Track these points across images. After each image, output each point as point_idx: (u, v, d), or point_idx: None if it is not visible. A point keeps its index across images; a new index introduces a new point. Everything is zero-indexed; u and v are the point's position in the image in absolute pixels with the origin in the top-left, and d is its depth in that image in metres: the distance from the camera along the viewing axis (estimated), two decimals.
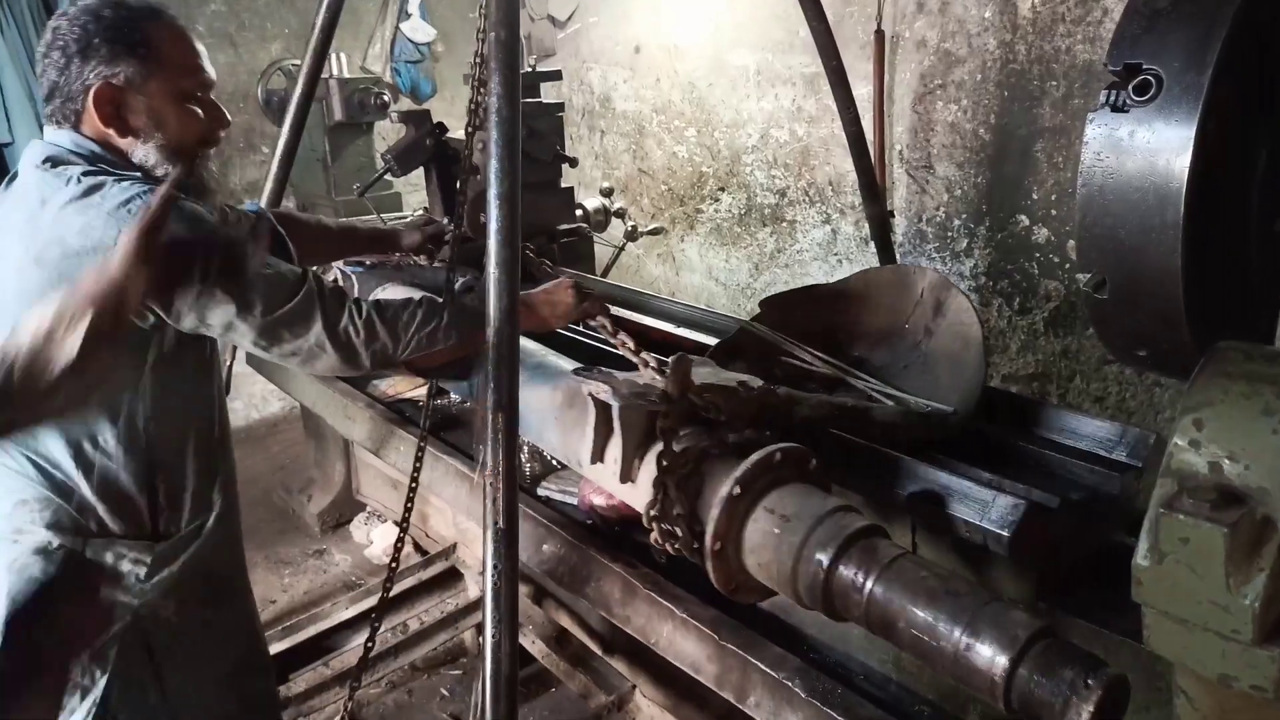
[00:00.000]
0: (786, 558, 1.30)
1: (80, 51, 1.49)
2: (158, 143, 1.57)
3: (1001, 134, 3.31)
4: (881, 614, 1.21)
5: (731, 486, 1.35)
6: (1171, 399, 3.02)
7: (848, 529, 1.27)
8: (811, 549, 1.28)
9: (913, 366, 1.98)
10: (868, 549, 1.26)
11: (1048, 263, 3.25)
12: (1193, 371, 1.22)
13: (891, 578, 1.21)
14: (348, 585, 3.30)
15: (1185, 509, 0.67)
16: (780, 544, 1.31)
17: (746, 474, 1.35)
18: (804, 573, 1.28)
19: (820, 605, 1.29)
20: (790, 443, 1.43)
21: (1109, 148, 1.17)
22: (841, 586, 1.25)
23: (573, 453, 1.75)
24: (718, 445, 1.46)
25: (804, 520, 1.31)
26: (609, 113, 5.04)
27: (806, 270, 4.17)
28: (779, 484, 1.38)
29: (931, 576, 1.19)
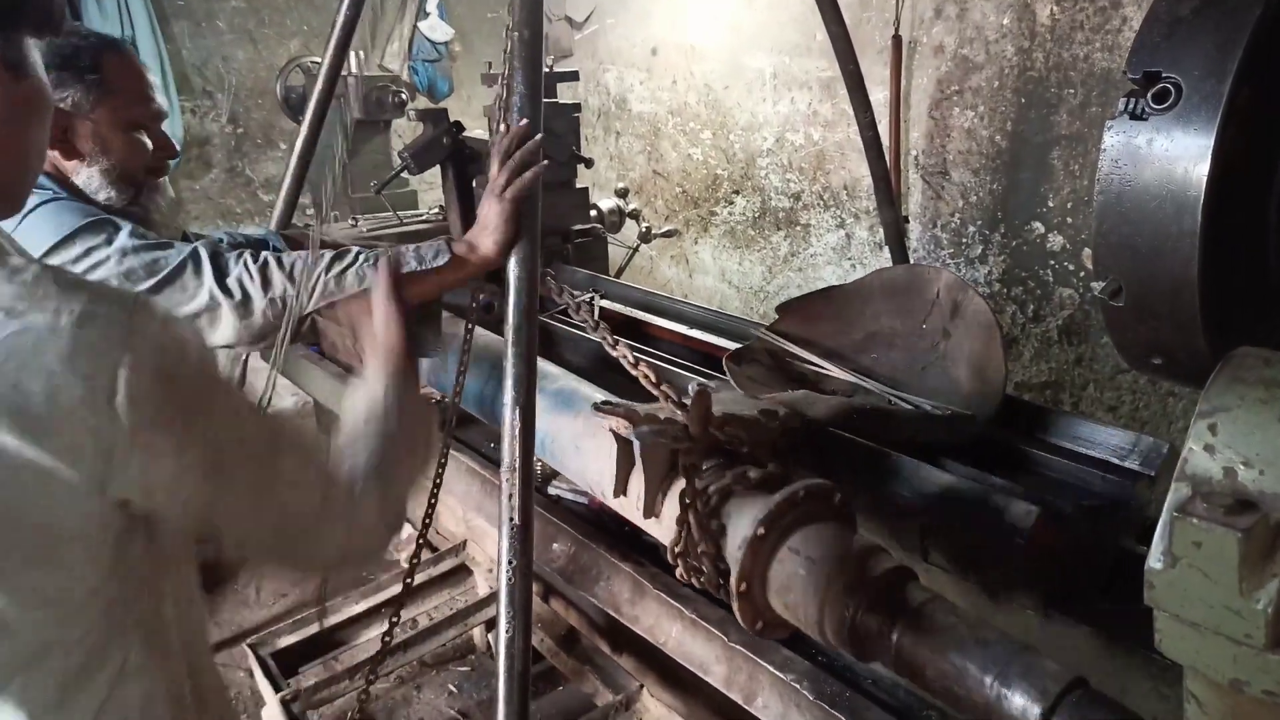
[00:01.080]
0: (814, 600, 1.28)
1: None
2: (101, 167, 1.63)
3: (1018, 141, 3.30)
4: (910, 660, 1.20)
5: (756, 527, 1.34)
6: (1185, 409, 3.01)
7: (876, 572, 1.26)
8: (839, 593, 1.26)
9: (931, 368, 1.98)
10: (897, 593, 1.24)
11: (1062, 270, 3.24)
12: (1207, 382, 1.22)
13: (921, 624, 1.20)
14: (358, 581, 3.32)
15: (1199, 513, 0.67)
16: (807, 586, 1.30)
17: (771, 513, 1.34)
18: (831, 615, 1.27)
19: (848, 648, 1.28)
20: (815, 479, 1.42)
21: (1127, 155, 1.17)
22: (869, 631, 1.24)
23: (594, 483, 1.75)
24: (741, 481, 1.45)
25: (831, 562, 1.29)
26: (625, 114, 5.06)
27: (820, 274, 4.17)
28: (805, 522, 1.36)
29: (962, 624, 1.18)
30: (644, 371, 1.64)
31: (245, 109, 4.80)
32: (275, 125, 4.83)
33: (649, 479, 1.54)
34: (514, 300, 1.54)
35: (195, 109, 4.64)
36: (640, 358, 1.73)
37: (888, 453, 1.73)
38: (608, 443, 1.63)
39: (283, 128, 4.73)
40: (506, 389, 1.51)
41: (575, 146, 3.18)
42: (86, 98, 1.58)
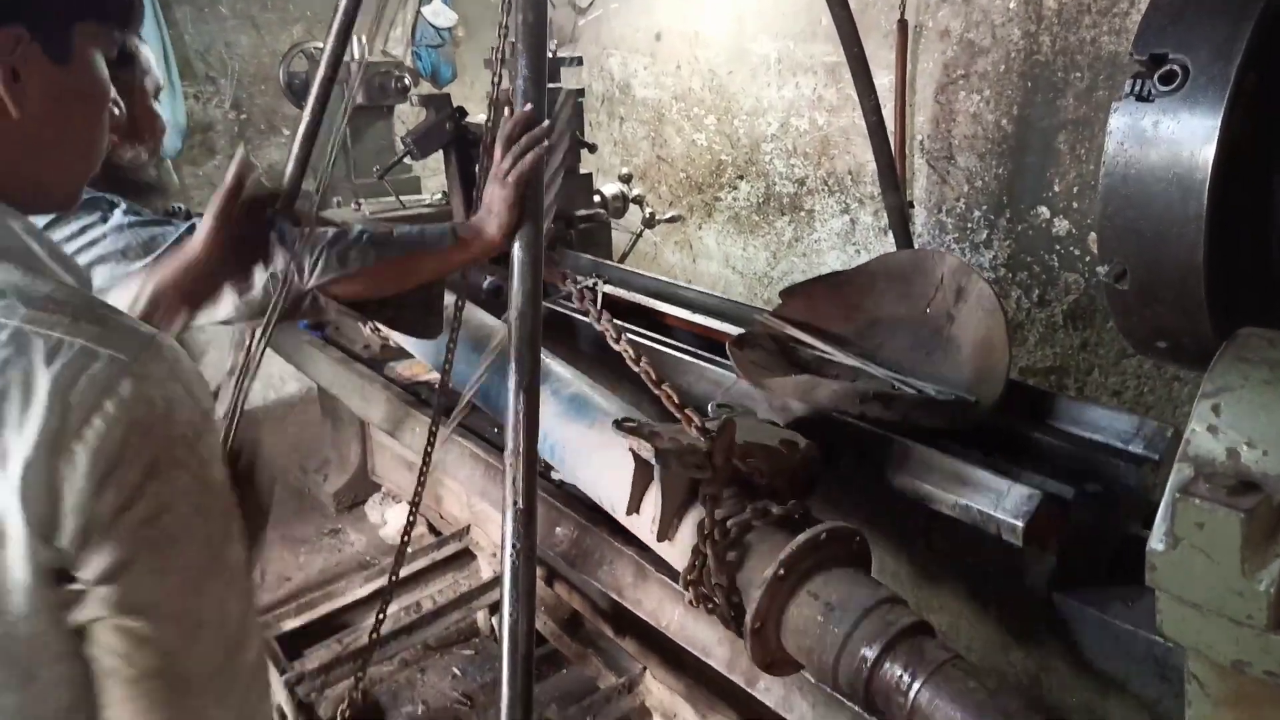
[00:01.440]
0: (829, 648, 1.28)
1: None
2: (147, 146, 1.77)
3: (1024, 125, 3.28)
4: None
5: (776, 568, 1.33)
6: (1190, 393, 3.00)
7: (895, 626, 1.24)
8: (856, 643, 1.25)
9: (935, 353, 1.98)
10: (915, 650, 1.23)
11: (1068, 255, 3.23)
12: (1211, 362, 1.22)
13: (938, 684, 1.18)
14: (362, 565, 3.33)
15: (1202, 494, 0.67)
16: (824, 633, 1.29)
17: (792, 556, 1.33)
18: (846, 666, 1.26)
19: (861, 701, 1.27)
20: (836, 521, 1.41)
21: (1133, 138, 1.16)
22: (885, 686, 1.23)
23: (606, 496, 1.75)
24: (761, 516, 1.44)
25: (850, 611, 1.28)
26: (629, 99, 5.04)
27: (824, 259, 4.16)
28: (824, 565, 1.36)
29: (980, 689, 1.16)
30: (667, 393, 1.61)
31: (248, 95, 4.78)
32: (278, 111, 4.81)
33: (666, 504, 1.54)
34: (518, 284, 1.54)
35: (198, 95, 4.63)
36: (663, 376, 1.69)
37: (892, 437, 1.73)
38: (623, 459, 1.62)
39: (285, 113, 4.71)
40: (510, 373, 1.51)
41: (579, 132, 3.17)
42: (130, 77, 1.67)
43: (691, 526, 1.51)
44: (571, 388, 1.97)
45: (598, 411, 1.85)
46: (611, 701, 2.29)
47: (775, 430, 1.66)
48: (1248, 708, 0.74)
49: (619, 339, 1.74)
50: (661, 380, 1.65)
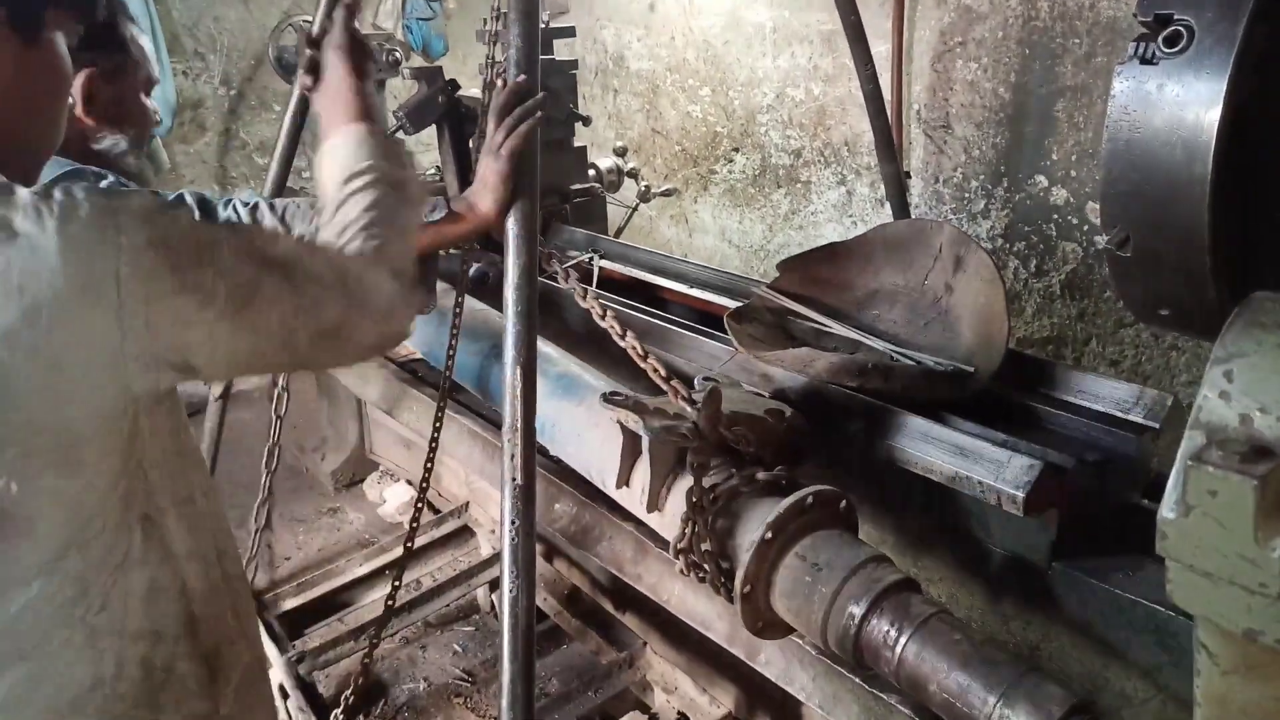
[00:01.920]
0: (818, 607, 1.30)
1: None
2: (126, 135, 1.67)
3: (1021, 93, 3.25)
4: (912, 674, 1.21)
5: (764, 531, 1.34)
6: (1189, 363, 3.00)
7: (881, 582, 1.26)
8: (844, 601, 1.27)
9: (934, 323, 1.97)
10: (901, 605, 1.25)
11: (1066, 225, 3.21)
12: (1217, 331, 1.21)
13: (924, 638, 1.20)
14: (361, 543, 3.33)
15: (1214, 461, 0.66)
16: (812, 593, 1.31)
17: (779, 519, 1.35)
18: (835, 624, 1.28)
19: (850, 657, 1.29)
20: (822, 485, 1.42)
21: (1136, 101, 1.14)
22: (873, 642, 1.25)
23: (597, 471, 1.76)
24: (748, 483, 1.46)
25: (837, 570, 1.30)
26: (622, 71, 4.98)
27: (821, 231, 4.13)
28: (811, 528, 1.37)
29: (965, 640, 1.19)
30: (653, 365, 1.62)
31: (238, 71, 4.73)
32: (269, 87, 4.76)
33: (655, 474, 1.55)
34: (513, 258, 1.52)
35: (187, 71, 4.57)
36: (650, 350, 1.70)
37: (890, 409, 1.72)
38: (612, 433, 1.64)
39: (277, 89, 4.66)
40: (507, 348, 1.50)
41: (573, 104, 3.13)
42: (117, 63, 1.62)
43: (680, 496, 1.52)
44: (560, 366, 1.97)
45: (587, 389, 1.85)
46: (613, 676, 2.30)
47: (761, 400, 1.67)
48: (1258, 677, 0.74)
49: (605, 315, 1.73)
50: (647, 354, 1.65)
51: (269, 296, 0.93)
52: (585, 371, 1.96)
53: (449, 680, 2.68)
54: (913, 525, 1.76)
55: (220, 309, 0.88)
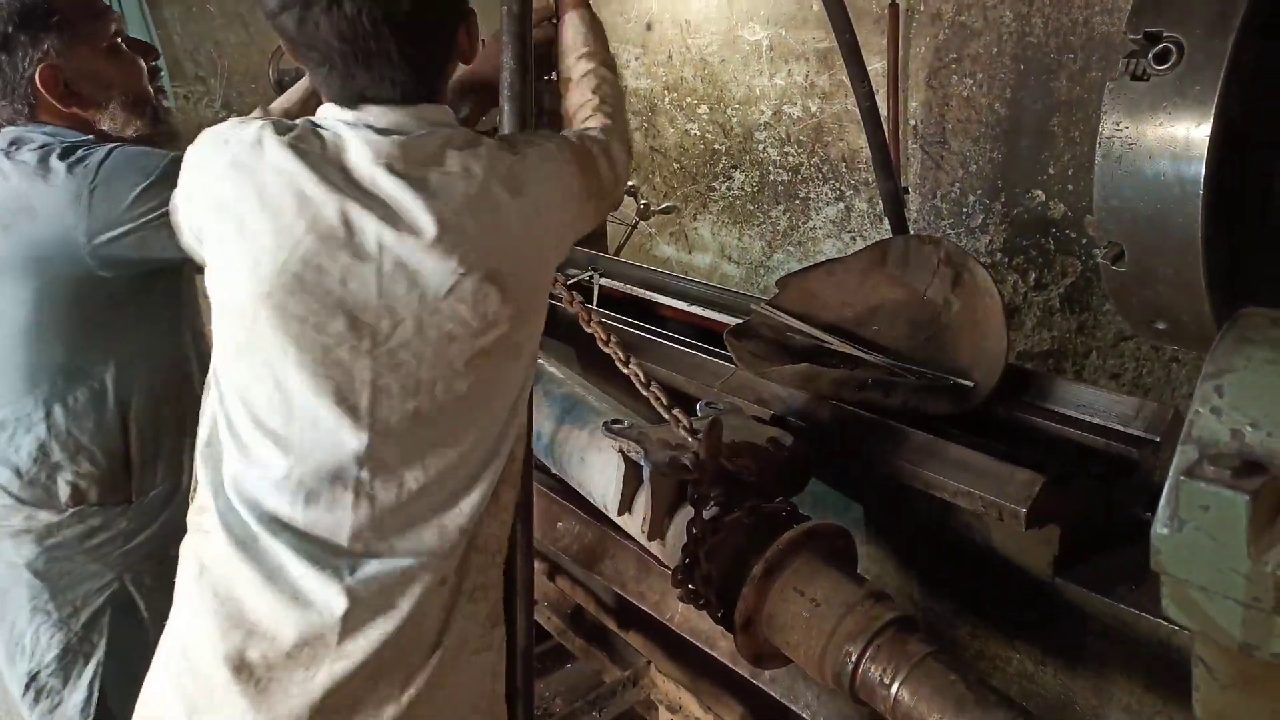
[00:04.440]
0: (815, 643, 1.30)
1: (5, 48, 1.49)
2: (118, 101, 1.59)
3: (1017, 108, 3.27)
4: (907, 714, 1.21)
5: (763, 566, 1.35)
6: (1189, 374, 3.00)
7: (878, 621, 1.26)
8: (840, 639, 1.28)
9: (933, 339, 1.97)
10: (897, 644, 1.25)
11: (1064, 238, 3.22)
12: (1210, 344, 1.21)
13: (919, 679, 1.20)
14: None
15: (1206, 476, 0.66)
16: (810, 629, 1.32)
17: (776, 554, 1.36)
18: (832, 660, 1.28)
19: (848, 694, 1.30)
20: (821, 520, 1.43)
21: (1128, 117, 1.15)
22: (868, 681, 1.25)
23: (599, 494, 1.77)
24: (749, 514, 1.46)
25: (834, 607, 1.30)
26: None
27: (820, 248, 4.15)
28: (810, 563, 1.38)
29: (960, 681, 1.18)
30: (655, 394, 1.63)
31: (239, 93, 4.76)
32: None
33: (656, 504, 1.57)
34: None
35: (188, 95, 4.61)
36: (652, 375, 1.71)
37: (891, 424, 1.72)
38: (614, 460, 1.66)
39: None
40: None
41: None
42: (63, 41, 1.52)
43: (680, 524, 1.53)
44: (564, 388, 1.98)
45: (590, 412, 1.87)
46: (617, 695, 2.29)
47: (763, 428, 1.67)
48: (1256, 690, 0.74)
49: (609, 341, 1.74)
50: (649, 381, 1.66)
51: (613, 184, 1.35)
52: (589, 393, 1.97)
53: None
54: (913, 541, 1.76)
55: (600, 200, 1.34)
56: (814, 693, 1.68)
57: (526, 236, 1.16)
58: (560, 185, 1.21)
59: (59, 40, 1.52)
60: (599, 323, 1.77)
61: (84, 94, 1.56)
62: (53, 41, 1.52)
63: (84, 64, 1.55)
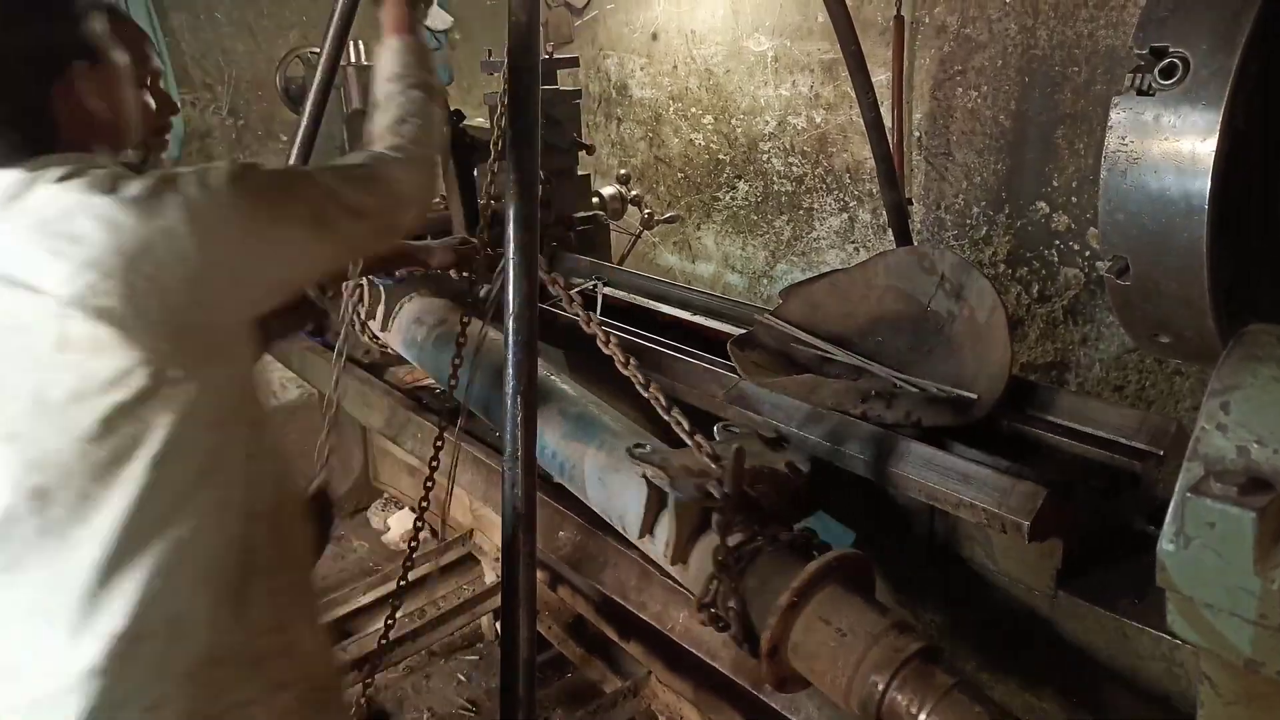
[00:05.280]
0: (842, 672, 1.32)
1: None
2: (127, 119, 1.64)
3: (1022, 120, 3.27)
4: None
5: (790, 596, 1.38)
6: (1193, 388, 2.99)
7: (903, 652, 1.29)
8: (867, 669, 1.30)
9: (936, 351, 1.97)
10: (923, 675, 1.27)
11: (1068, 250, 3.22)
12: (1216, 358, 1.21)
13: (945, 710, 1.22)
14: (365, 571, 3.32)
15: (1212, 493, 0.66)
16: (836, 657, 1.34)
17: (804, 584, 1.38)
18: (858, 689, 1.30)
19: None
20: (845, 549, 1.46)
21: (1134, 131, 1.15)
22: (895, 710, 1.27)
23: (616, 515, 1.80)
24: (773, 542, 1.49)
25: (860, 637, 1.33)
26: (626, 100, 5.03)
27: (823, 258, 4.15)
28: (835, 592, 1.41)
29: (985, 713, 1.21)
30: (676, 419, 1.65)
31: (245, 101, 4.77)
32: (276, 117, 4.80)
33: (680, 531, 1.59)
34: (514, 286, 1.52)
35: (195, 101, 4.62)
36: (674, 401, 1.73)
37: (894, 435, 1.72)
38: (633, 482, 1.68)
39: (283, 119, 4.70)
40: (507, 377, 1.50)
41: (576, 133, 3.16)
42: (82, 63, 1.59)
43: (703, 550, 1.56)
44: (578, 407, 2.00)
45: (606, 431, 1.89)
46: (617, 705, 2.28)
47: (778, 455, 1.70)
48: (1261, 707, 0.73)
49: (627, 364, 1.78)
50: (671, 405, 1.69)
51: (339, 212, 1.20)
52: (604, 412, 1.99)
53: (453, 710, 2.66)
54: (915, 553, 1.75)
55: (306, 229, 1.15)
56: (815, 704, 1.67)
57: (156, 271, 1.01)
58: (208, 218, 1.06)
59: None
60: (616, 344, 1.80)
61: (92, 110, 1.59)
62: None
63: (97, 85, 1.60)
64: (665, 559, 1.64)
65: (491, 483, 2.34)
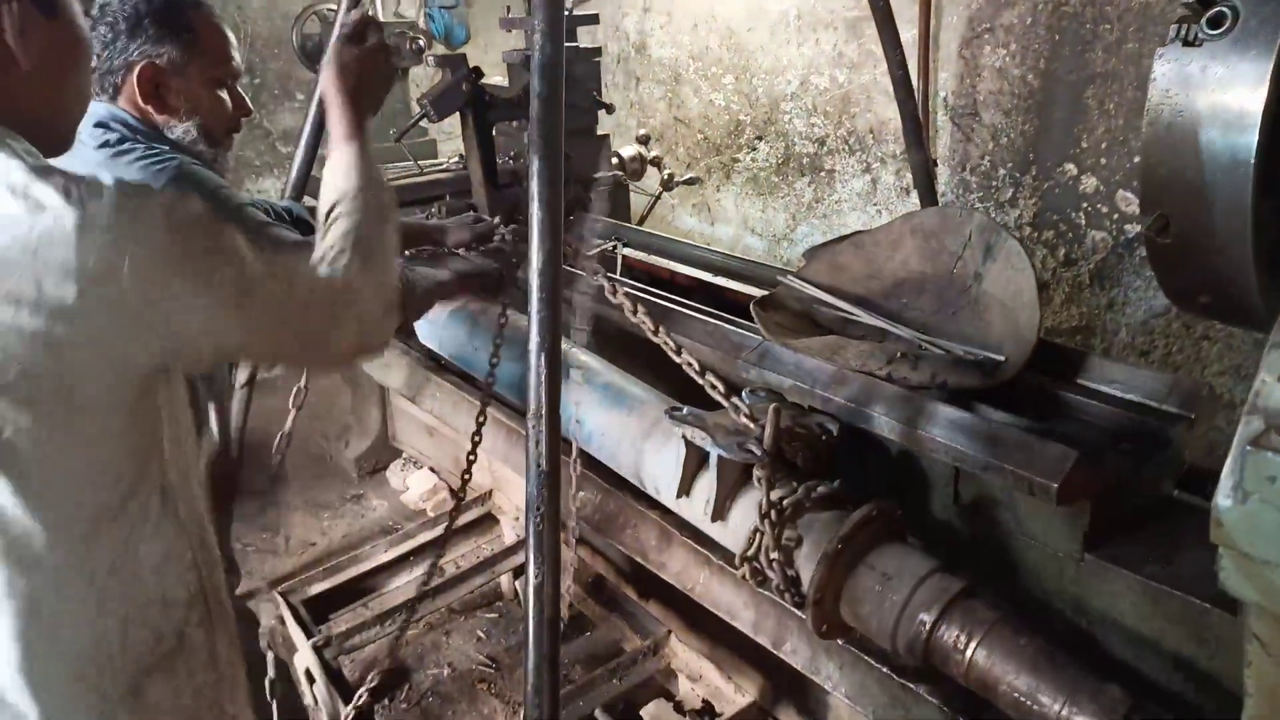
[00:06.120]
0: (889, 615, 1.40)
1: (129, 30, 1.59)
2: (195, 123, 1.71)
3: (1051, 80, 3.21)
4: (982, 676, 1.31)
5: (835, 543, 1.45)
6: (1220, 352, 2.95)
7: (949, 591, 1.36)
8: (914, 609, 1.37)
9: (962, 312, 1.94)
10: (968, 612, 1.35)
11: (1095, 213, 3.16)
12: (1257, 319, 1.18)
13: (993, 643, 1.31)
14: (384, 530, 3.35)
15: (1273, 446, 0.64)
16: (883, 601, 1.41)
17: (849, 532, 1.45)
18: (905, 630, 1.38)
19: (920, 661, 1.39)
20: (880, 499, 1.51)
21: (1178, 84, 1.12)
22: (943, 647, 1.35)
23: (650, 480, 1.85)
24: (812, 496, 1.55)
25: (905, 580, 1.40)
26: (645, 60, 4.96)
27: (845, 220, 4.10)
28: (873, 539, 1.48)
29: (1030, 644, 1.29)
30: (712, 382, 1.70)
31: (261, 59, 4.74)
32: (292, 75, 4.77)
33: (721, 489, 1.65)
34: (537, 243, 1.50)
35: None
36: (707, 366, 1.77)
37: (919, 398, 1.71)
38: (669, 445, 1.76)
39: (300, 78, 4.67)
40: (531, 334, 1.49)
41: (596, 92, 3.11)
42: (181, 55, 1.64)
43: (743, 507, 1.62)
44: (603, 376, 2.04)
45: (634, 399, 1.94)
46: (637, 664, 2.30)
47: (809, 414, 1.75)
48: None
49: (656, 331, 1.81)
50: (705, 370, 1.73)
51: (265, 296, 1.00)
52: (629, 382, 2.03)
53: (473, 666, 2.69)
54: (941, 516, 1.74)
55: (220, 299, 0.94)
56: (835, 664, 1.67)
57: None
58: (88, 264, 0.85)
59: (178, 51, 1.64)
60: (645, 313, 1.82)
61: (168, 102, 1.67)
62: (171, 49, 1.63)
63: (185, 81, 1.67)
64: (705, 517, 1.68)
65: (512, 442, 2.34)
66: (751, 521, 1.56)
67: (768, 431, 1.54)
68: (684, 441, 1.67)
